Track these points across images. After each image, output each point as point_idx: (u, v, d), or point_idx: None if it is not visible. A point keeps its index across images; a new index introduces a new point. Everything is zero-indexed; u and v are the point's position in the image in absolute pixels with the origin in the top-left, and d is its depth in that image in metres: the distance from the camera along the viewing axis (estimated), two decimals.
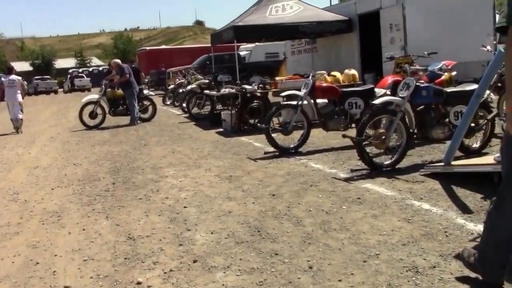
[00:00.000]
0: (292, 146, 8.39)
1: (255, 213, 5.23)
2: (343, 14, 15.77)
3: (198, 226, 4.95)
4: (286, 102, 8.63)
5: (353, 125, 8.66)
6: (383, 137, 6.50)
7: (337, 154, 8.08)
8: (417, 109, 6.76)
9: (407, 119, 6.66)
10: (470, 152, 7.04)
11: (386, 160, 6.69)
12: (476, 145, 7.15)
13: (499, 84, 7.52)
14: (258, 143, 9.57)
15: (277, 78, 13.87)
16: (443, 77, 8.51)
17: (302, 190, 6.02)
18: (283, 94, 8.40)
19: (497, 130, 7.35)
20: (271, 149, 8.44)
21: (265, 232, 4.62)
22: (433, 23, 13.39)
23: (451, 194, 5.33)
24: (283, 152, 8.28)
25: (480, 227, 4.20)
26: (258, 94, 11.36)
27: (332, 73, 11.71)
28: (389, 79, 7.88)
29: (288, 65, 21.19)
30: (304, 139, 8.46)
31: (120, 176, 7.58)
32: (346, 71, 12.00)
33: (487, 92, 7.20)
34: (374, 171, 6.50)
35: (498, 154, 5.35)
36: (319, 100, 8.56)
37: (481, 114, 6.99)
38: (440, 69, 8.53)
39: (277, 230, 4.66)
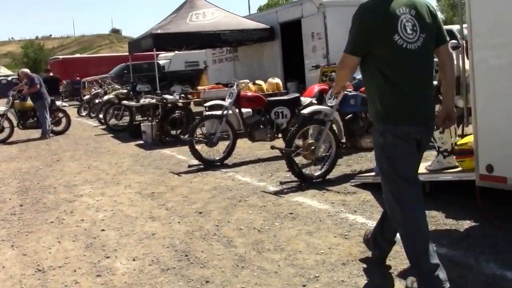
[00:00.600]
0: (217, 158, 8.01)
1: (182, 234, 4.80)
2: (265, 23, 15.61)
3: (118, 252, 4.46)
4: (210, 113, 8.25)
5: (280, 135, 8.44)
6: (312, 147, 6.27)
7: (264, 165, 7.79)
8: (346, 118, 6.59)
9: (336, 129, 6.47)
10: None
11: (316, 171, 6.46)
12: None
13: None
14: (181, 155, 9.11)
15: (199, 88, 13.46)
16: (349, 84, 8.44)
17: (230, 206, 5.65)
18: (207, 104, 8.02)
19: None
20: (196, 162, 8.02)
21: (194, 256, 4.21)
22: None
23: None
24: (208, 165, 7.88)
25: None
26: (180, 104, 10.89)
27: (257, 81, 11.46)
28: (316, 88, 7.71)
29: (210, 74, 20.80)
30: (230, 151, 8.11)
31: (29, 196, 6.88)
32: (270, 79, 11.80)
33: None
34: (304, 183, 6.24)
35: (429, 163, 5.23)
36: (244, 110, 8.25)
37: None
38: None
39: (206, 253, 4.26)
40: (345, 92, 6.38)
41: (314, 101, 8.57)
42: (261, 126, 8.29)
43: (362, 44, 3.09)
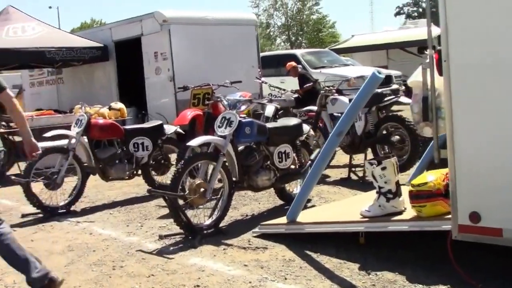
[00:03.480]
0: (62, 204, 6.16)
1: None
2: (97, 41, 13.75)
3: None
4: (51, 145, 6.36)
5: (140, 171, 6.89)
6: (202, 189, 4.87)
7: (125, 211, 6.15)
8: (238, 150, 5.30)
9: (228, 165, 5.16)
10: (292, 198, 5.90)
11: (205, 219, 5.06)
12: (296, 190, 6.03)
13: None
14: (7, 200, 7.00)
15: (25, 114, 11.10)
16: (242, 109, 7.31)
17: (103, 277, 4.01)
18: (48, 134, 6.15)
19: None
20: (32, 209, 6.07)
21: None
22: (201, 52, 12.41)
23: (319, 266, 3.95)
24: (51, 213, 6.00)
25: None
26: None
27: (113, 105, 9.65)
28: (188, 114, 6.33)
29: (26, 99, 17.98)
30: (78, 194, 6.32)
31: None
32: (113, 104, 10.05)
33: (307, 128, 6.19)
34: (193, 236, 4.81)
35: (366, 208, 4.17)
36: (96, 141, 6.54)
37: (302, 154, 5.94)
38: (239, 101, 7.32)
39: None
40: (239, 119, 5.13)
41: (179, 129, 7.20)
42: (117, 161, 6.65)
43: None
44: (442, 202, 3.62)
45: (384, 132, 6.94)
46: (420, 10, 50.46)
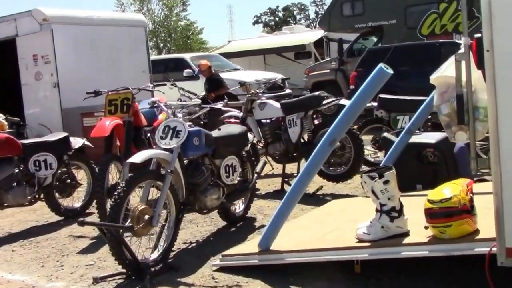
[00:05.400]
0: None
1: None
2: None
3: None
4: None
5: (42, 195, 5.68)
6: (147, 216, 3.91)
7: (32, 247, 4.96)
8: (184, 166, 4.39)
9: (174, 183, 4.23)
10: (236, 219, 5.14)
11: (150, 253, 4.10)
12: (239, 209, 5.26)
13: None
14: None
15: None
16: (160, 117, 6.37)
17: None
18: None
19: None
20: None
21: None
22: (87, 56, 11.10)
23: None
24: None
25: None
26: None
27: None
28: (107, 123, 5.24)
29: None
30: None
31: None
32: None
33: (251, 136, 5.44)
34: (138, 275, 3.83)
35: (364, 230, 3.50)
36: None
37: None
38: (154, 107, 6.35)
39: None
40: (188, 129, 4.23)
41: (87, 142, 6.11)
42: (14, 184, 5.40)
43: None
44: (469, 220, 3.08)
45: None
46: (277, 19, 51.70)
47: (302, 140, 6.50)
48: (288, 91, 14.97)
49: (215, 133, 4.72)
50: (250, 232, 4.90)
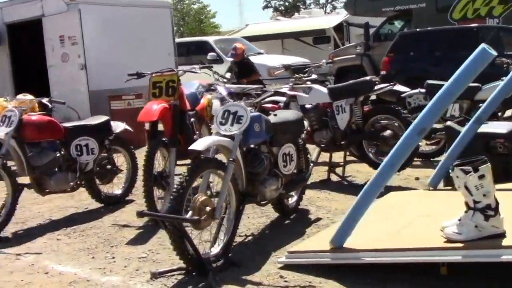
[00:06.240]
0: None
1: None
2: None
3: None
4: None
5: (83, 182, 5.46)
6: (208, 208, 3.64)
7: (77, 235, 4.73)
8: (245, 154, 4.11)
9: (234, 173, 3.95)
10: (289, 211, 4.87)
11: (210, 247, 3.84)
12: (292, 201, 4.98)
13: None
14: None
15: None
16: (203, 101, 6.11)
17: None
18: None
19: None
20: None
21: None
22: (114, 38, 10.81)
23: None
24: None
25: None
26: None
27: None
28: (155, 107, 4.95)
29: None
30: (8, 214, 4.77)
31: None
32: (20, 96, 8.22)
33: (306, 123, 5.15)
34: (200, 271, 3.59)
35: (454, 228, 3.21)
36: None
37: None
38: (199, 91, 6.07)
39: None
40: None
41: (127, 126, 5.86)
42: (57, 169, 5.16)
43: None
44: None
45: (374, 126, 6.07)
46: (287, 4, 50.78)
47: (350, 128, 6.18)
48: (314, 76, 14.67)
49: (272, 119, 4.44)
50: (306, 225, 4.63)
